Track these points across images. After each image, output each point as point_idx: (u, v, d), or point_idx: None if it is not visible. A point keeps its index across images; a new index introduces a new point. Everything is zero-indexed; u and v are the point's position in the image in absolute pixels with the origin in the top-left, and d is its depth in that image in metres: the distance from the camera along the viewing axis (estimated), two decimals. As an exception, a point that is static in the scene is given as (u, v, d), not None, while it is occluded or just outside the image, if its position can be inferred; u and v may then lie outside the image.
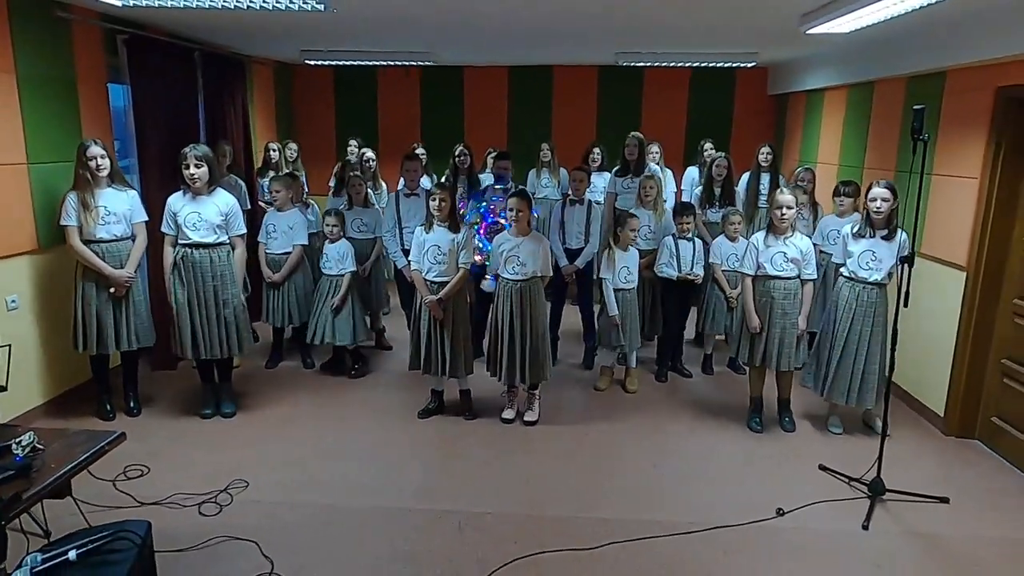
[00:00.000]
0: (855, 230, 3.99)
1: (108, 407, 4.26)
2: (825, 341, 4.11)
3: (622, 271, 4.73)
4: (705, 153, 6.60)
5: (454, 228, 4.21)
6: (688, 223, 4.99)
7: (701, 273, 5.00)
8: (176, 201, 4.07)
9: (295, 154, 6.85)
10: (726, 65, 6.75)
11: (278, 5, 3.62)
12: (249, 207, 5.49)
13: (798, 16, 4.03)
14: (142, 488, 3.46)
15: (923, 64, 4.44)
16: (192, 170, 3.98)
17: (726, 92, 7.70)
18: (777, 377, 4.30)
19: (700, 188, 5.75)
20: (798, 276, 4.10)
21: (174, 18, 4.67)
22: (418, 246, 4.25)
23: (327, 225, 5.00)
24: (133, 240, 4.10)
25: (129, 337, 4.11)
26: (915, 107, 3.11)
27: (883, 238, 3.90)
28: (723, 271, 5.06)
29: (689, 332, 5.53)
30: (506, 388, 4.41)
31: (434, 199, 4.16)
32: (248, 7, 3.68)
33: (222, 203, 4.11)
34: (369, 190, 5.83)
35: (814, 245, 4.45)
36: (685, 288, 5.06)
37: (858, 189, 4.80)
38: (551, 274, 4.37)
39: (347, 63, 6.80)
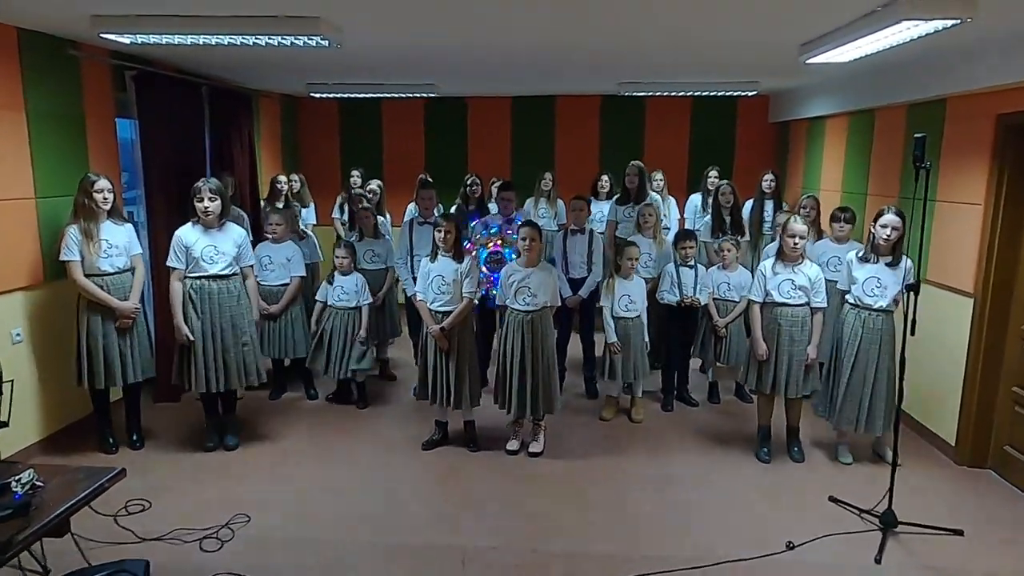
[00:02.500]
0: (860, 255, 3.97)
1: (111, 440, 4.24)
2: (832, 369, 4.07)
3: (622, 299, 4.71)
4: (709, 180, 6.62)
5: (458, 258, 4.22)
6: (690, 248, 4.98)
7: (704, 299, 4.98)
8: (188, 234, 4.08)
9: (299, 185, 6.89)
10: (727, 94, 6.80)
11: (284, 42, 3.67)
12: (252, 239, 5.52)
13: (797, 46, 4.07)
14: (143, 523, 3.43)
15: (923, 92, 4.47)
16: (206, 203, 4.01)
17: (728, 120, 7.75)
18: (786, 405, 4.25)
19: (708, 217, 5.75)
20: (807, 304, 4.08)
21: (182, 54, 4.75)
22: (423, 276, 4.26)
23: (336, 257, 5.01)
24: (132, 272, 4.12)
25: (135, 369, 4.11)
26: (916, 135, 3.11)
27: (887, 264, 3.89)
28: (714, 299, 5.05)
29: (694, 361, 5.50)
30: (512, 419, 4.37)
31: (439, 230, 4.18)
32: (254, 44, 3.74)
33: (236, 235, 4.16)
34: (381, 218, 5.86)
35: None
36: (688, 315, 5.04)
37: (855, 215, 4.81)
38: (559, 304, 4.37)
39: (352, 96, 6.88)
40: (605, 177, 6.78)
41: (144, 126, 4.89)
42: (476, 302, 4.38)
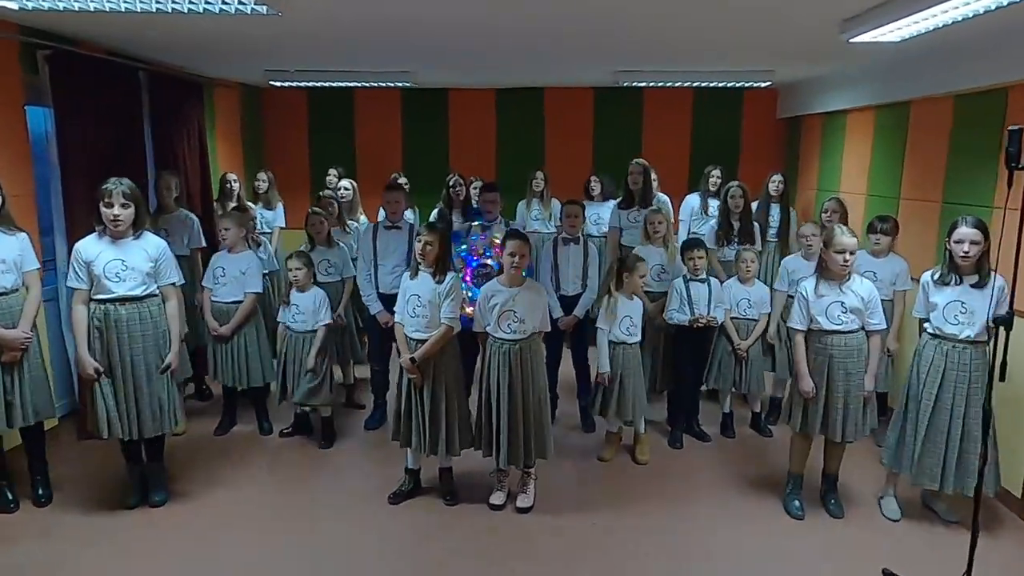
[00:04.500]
0: (936, 277, 3.31)
1: (9, 496, 3.49)
2: (906, 412, 3.39)
3: (624, 321, 4.03)
4: (711, 181, 5.97)
5: (440, 275, 3.52)
6: (700, 259, 4.31)
7: (721, 317, 4.33)
8: (89, 247, 3.33)
9: (266, 184, 6.14)
10: (736, 85, 6.14)
11: (210, 7, 2.95)
12: (204, 244, 4.79)
13: (839, 22, 3.40)
14: (26, 619, 2.70)
15: (982, 79, 3.81)
16: (116, 210, 3.25)
17: (733, 115, 7.10)
18: (827, 448, 3.59)
19: (712, 221, 5.09)
20: (860, 328, 3.42)
21: (110, 32, 4.02)
22: (401, 295, 3.57)
23: (290, 270, 4.30)
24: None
25: (25, 410, 3.31)
26: (1011, 128, 2.46)
27: (973, 286, 3.24)
28: (732, 318, 4.40)
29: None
30: (496, 467, 3.68)
31: (419, 240, 3.48)
32: (173, 10, 3.01)
33: (151, 247, 3.39)
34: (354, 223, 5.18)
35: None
36: (701, 336, 4.38)
37: (897, 226, 4.17)
38: (549, 329, 3.68)
39: (317, 84, 6.14)
40: (595, 178, 6.14)
41: (62, 116, 4.13)
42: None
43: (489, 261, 4.35)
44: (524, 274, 3.58)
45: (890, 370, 4.22)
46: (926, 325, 3.37)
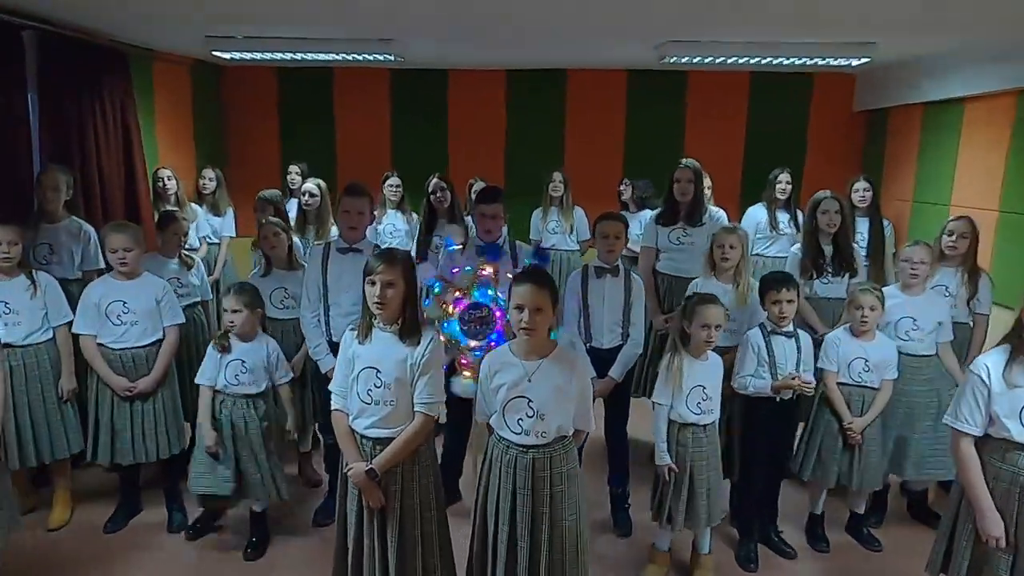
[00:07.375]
0: None
1: None
2: None
3: (693, 392, 2.74)
4: (778, 188, 4.69)
5: (410, 334, 2.23)
6: (788, 302, 2.99)
7: (813, 381, 3.02)
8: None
9: (214, 184, 4.98)
10: (810, 67, 4.83)
11: None
12: (103, 265, 3.53)
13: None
14: None
15: None
16: None
17: (799, 105, 5.77)
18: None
19: (798, 245, 3.76)
20: None
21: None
22: (344, 364, 2.28)
23: (225, 311, 3.03)
24: None
25: None
26: None
27: None
28: (841, 385, 3.10)
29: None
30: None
31: (372, 282, 2.18)
32: None
33: None
34: (298, 241, 3.92)
35: None
36: (787, 409, 3.08)
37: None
38: (591, 429, 2.39)
39: (273, 57, 4.81)
40: (627, 181, 5.03)
41: None
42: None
43: (487, 303, 3.04)
44: (557, 335, 2.30)
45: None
46: None
